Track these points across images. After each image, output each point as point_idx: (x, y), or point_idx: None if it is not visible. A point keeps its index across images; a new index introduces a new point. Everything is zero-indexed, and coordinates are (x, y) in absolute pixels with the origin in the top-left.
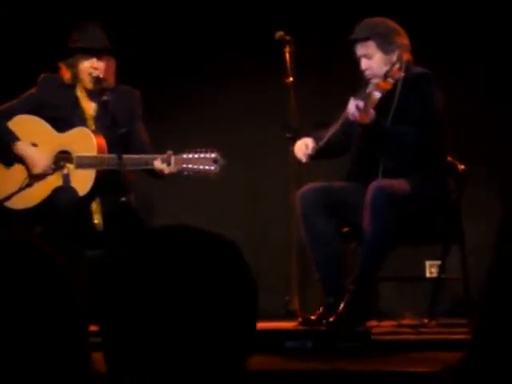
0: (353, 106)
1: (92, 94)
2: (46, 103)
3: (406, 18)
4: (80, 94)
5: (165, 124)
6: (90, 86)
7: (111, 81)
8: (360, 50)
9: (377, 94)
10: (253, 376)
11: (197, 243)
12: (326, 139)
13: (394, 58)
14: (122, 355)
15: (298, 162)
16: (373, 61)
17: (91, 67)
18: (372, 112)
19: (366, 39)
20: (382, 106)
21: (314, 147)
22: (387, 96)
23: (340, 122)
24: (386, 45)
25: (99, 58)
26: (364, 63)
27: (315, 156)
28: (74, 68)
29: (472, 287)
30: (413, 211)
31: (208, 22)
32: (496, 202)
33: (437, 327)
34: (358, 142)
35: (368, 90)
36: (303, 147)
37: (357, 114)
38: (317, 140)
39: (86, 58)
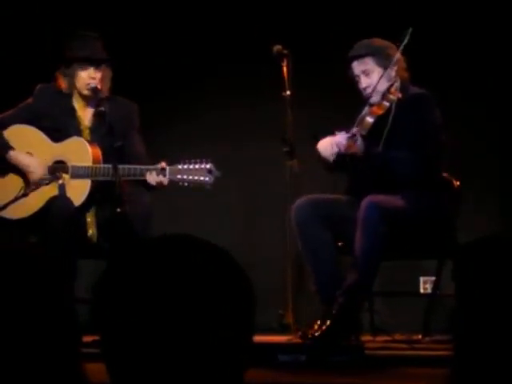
0: (335, 140)
1: (88, 103)
2: (43, 113)
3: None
4: (77, 103)
5: (161, 136)
6: (86, 93)
7: (107, 90)
8: (358, 67)
9: (369, 120)
10: None
11: (193, 252)
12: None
13: (393, 73)
14: (124, 365)
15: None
16: (372, 77)
17: (89, 77)
18: (359, 143)
19: (363, 56)
20: (374, 128)
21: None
22: (380, 118)
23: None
24: (383, 60)
25: (96, 68)
26: (363, 80)
27: (337, 163)
28: (70, 78)
29: None
30: (407, 227)
31: (206, 35)
32: (492, 217)
33: (431, 343)
34: (353, 159)
35: (361, 116)
36: (329, 146)
37: (343, 144)
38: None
39: (84, 68)
